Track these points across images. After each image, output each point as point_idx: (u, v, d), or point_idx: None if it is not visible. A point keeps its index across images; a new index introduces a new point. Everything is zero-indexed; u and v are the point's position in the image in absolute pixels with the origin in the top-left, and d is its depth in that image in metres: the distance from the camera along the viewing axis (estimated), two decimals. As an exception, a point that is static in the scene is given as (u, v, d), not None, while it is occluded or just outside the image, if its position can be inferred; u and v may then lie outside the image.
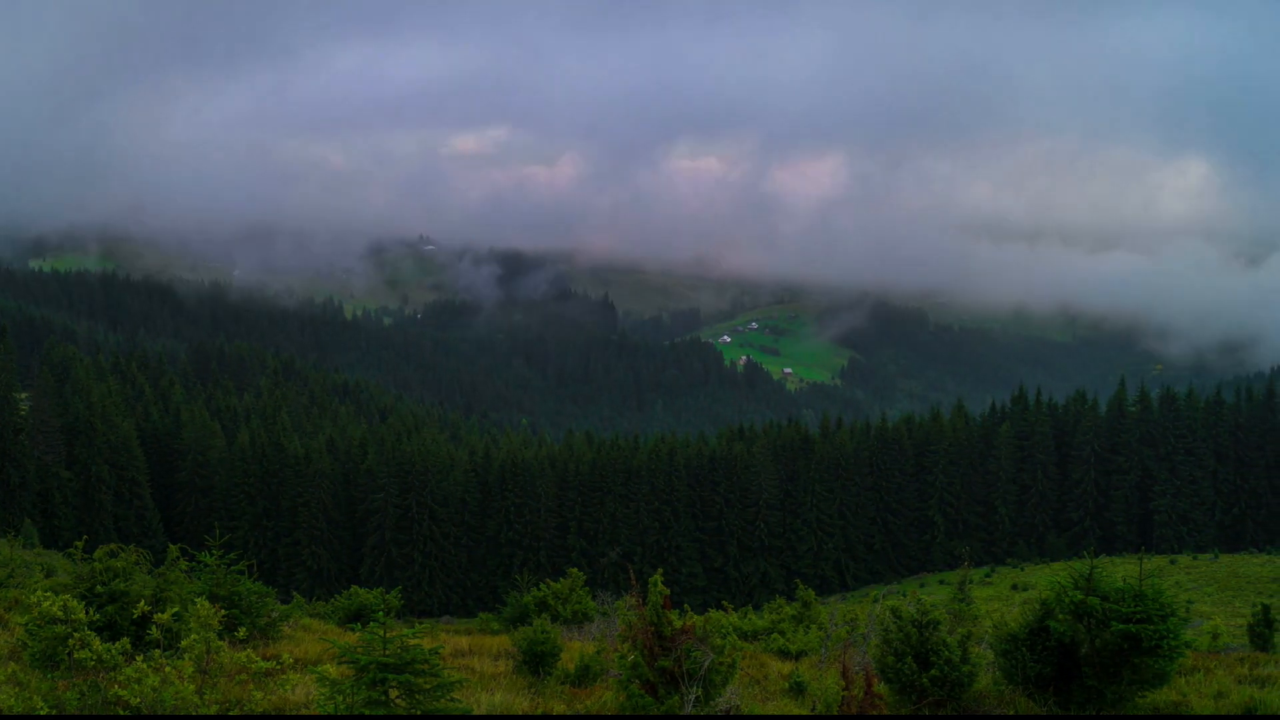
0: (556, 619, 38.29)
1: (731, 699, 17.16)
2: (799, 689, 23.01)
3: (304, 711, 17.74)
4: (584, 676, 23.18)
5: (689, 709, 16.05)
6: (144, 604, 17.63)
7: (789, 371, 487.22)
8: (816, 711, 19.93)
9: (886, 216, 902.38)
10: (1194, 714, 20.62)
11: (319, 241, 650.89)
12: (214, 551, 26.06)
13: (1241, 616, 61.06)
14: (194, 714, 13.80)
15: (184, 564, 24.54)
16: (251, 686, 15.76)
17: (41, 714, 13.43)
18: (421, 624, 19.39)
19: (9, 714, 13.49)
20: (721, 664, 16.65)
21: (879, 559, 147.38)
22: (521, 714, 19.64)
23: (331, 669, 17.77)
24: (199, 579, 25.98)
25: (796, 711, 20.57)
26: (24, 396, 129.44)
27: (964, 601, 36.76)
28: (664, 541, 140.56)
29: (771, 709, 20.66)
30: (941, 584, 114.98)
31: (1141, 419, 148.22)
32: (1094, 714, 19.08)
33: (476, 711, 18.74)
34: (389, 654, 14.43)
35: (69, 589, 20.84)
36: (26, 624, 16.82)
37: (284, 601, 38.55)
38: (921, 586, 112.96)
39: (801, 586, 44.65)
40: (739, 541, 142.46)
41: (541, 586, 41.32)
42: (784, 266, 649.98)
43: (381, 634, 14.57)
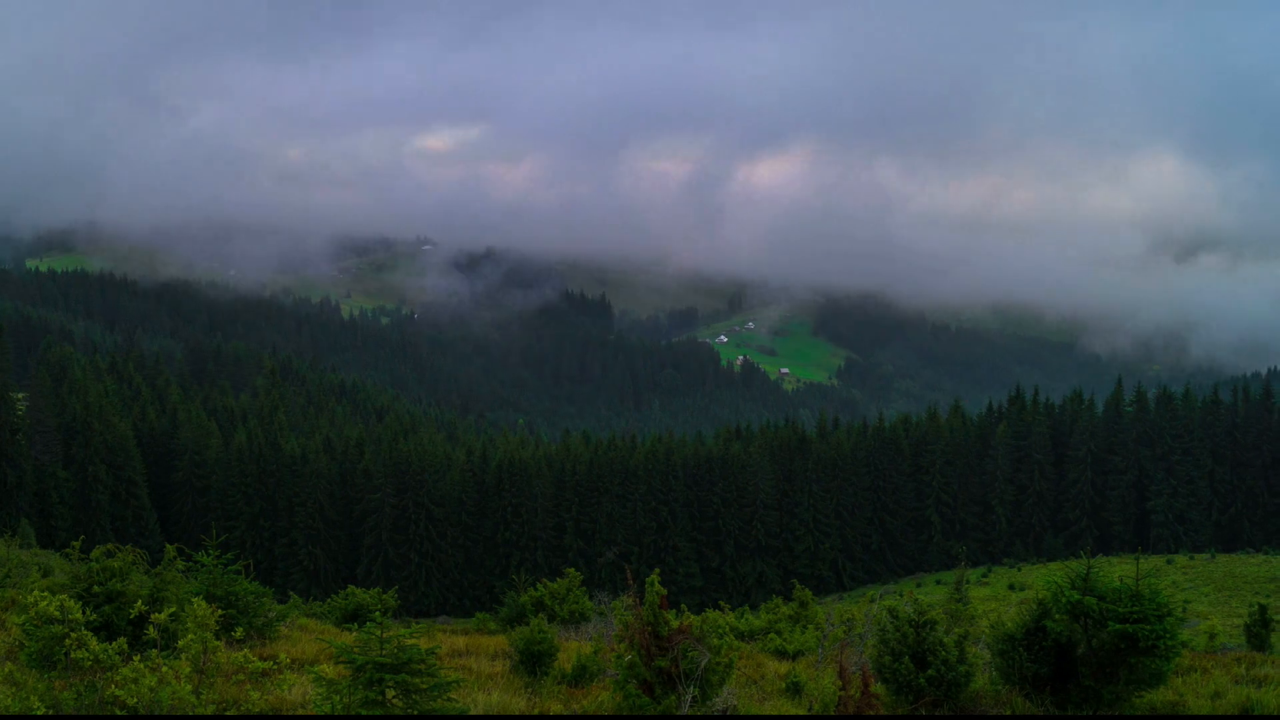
0: (553, 619, 38.28)
1: (728, 699, 17.16)
2: (796, 689, 23.02)
3: (301, 711, 17.74)
4: (581, 676, 23.19)
5: (686, 709, 16.06)
6: (141, 604, 17.64)
7: (786, 371, 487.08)
8: (814, 711, 19.95)
9: (883, 217, 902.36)
10: (1191, 714, 20.65)
11: (316, 241, 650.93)
12: (211, 551, 26.04)
13: (1238, 616, 61.18)
14: (191, 714, 13.79)
15: (181, 564, 24.55)
16: (248, 686, 15.76)
17: (38, 714, 13.41)
18: (418, 624, 19.41)
19: (6, 714, 13.48)
20: (718, 664, 16.66)
21: (876, 559, 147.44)
22: (518, 714, 19.65)
23: (328, 669, 17.78)
24: (196, 579, 25.95)
25: (793, 711, 20.58)
26: (21, 396, 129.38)
27: (961, 601, 36.85)
28: (661, 541, 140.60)
29: (768, 709, 20.67)
30: (938, 584, 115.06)
31: (1138, 419, 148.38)
32: (1091, 714, 19.10)
33: (473, 711, 18.73)
34: (386, 654, 14.43)
35: (66, 589, 20.83)
36: (23, 624, 16.80)
37: (281, 601, 38.56)
38: (918, 586, 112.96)
39: (798, 586, 44.72)
40: (736, 542, 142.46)
41: (538, 586, 41.30)
42: (781, 266, 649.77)
43: (378, 634, 14.57)
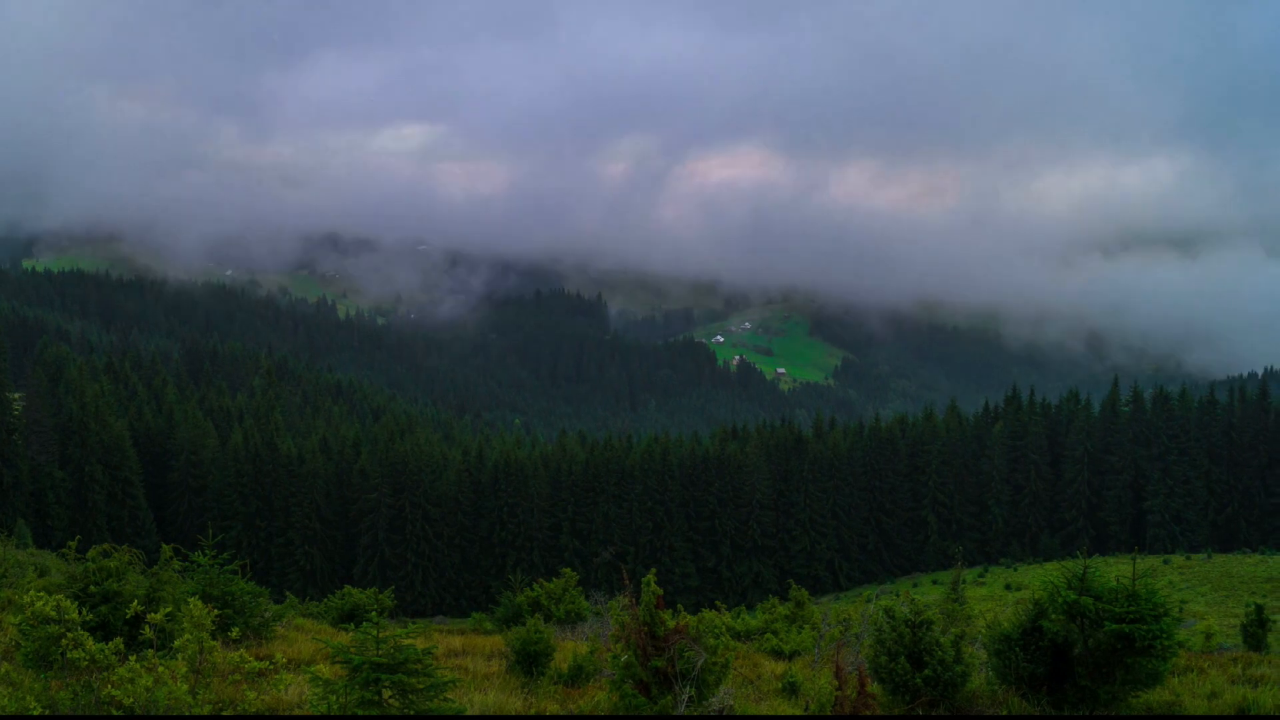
0: (550, 619, 38.29)
1: (725, 699, 17.17)
2: (792, 689, 23.03)
3: (297, 712, 17.73)
4: (577, 676, 23.20)
5: (682, 709, 16.06)
6: (137, 604, 17.63)
7: (782, 371, 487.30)
8: (810, 711, 19.95)
9: (883, 217, 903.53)
10: (1187, 714, 20.65)
11: (312, 242, 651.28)
12: (207, 551, 26.05)
13: (1235, 616, 61.17)
14: (187, 714, 13.79)
15: (177, 564, 24.55)
16: (245, 686, 15.75)
17: (35, 714, 13.40)
18: (415, 624, 19.40)
19: (3, 714, 13.47)
20: (715, 664, 16.66)
21: (872, 559, 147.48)
22: (515, 714, 19.65)
23: (325, 669, 17.77)
24: (192, 579, 25.96)
25: (790, 711, 20.58)
26: (17, 396, 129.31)
27: (957, 601, 36.82)
28: (657, 541, 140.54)
29: (765, 709, 20.67)
30: (935, 584, 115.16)
31: (1134, 419, 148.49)
32: (1087, 714, 19.11)
33: (470, 711, 18.73)
34: (382, 654, 14.43)
35: (62, 589, 20.82)
36: (20, 624, 16.81)
37: (277, 601, 38.55)
38: (915, 586, 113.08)
39: (795, 586, 44.70)
40: (732, 541, 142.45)
41: (535, 586, 41.30)
42: (777, 267, 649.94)
43: (375, 634, 14.56)
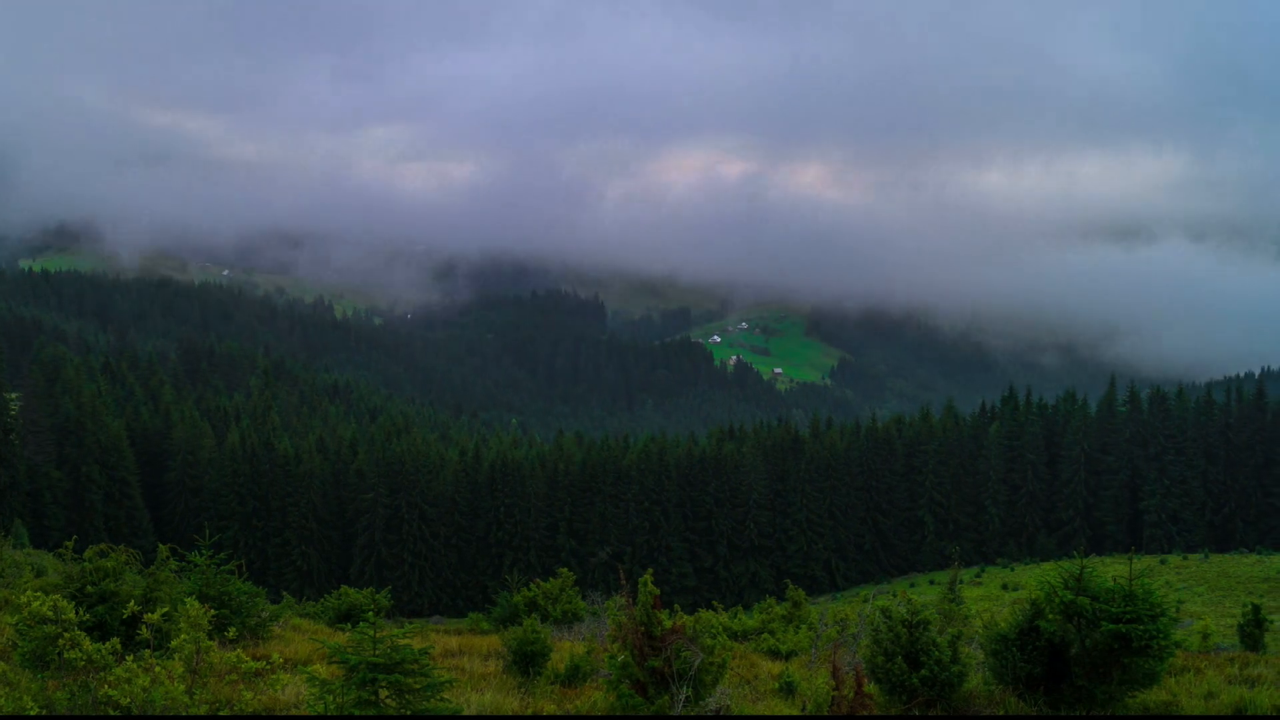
0: (546, 619, 38.28)
1: (722, 699, 17.17)
2: (789, 689, 23.03)
3: (294, 712, 17.72)
4: (574, 676, 23.19)
5: (679, 709, 16.06)
6: (134, 604, 17.62)
7: (779, 371, 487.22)
8: (807, 711, 19.95)
9: (881, 217, 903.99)
10: (1184, 714, 20.66)
11: (309, 242, 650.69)
12: (204, 551, 26.04)
13: (1232, 616, 61.29)
14: (184, 714, 13.78)
15: (174, 564, 24.53)
16: (241, 686, 15.75)
17: (31, 714, 13.39)
18: (411, 624, 19.39)
19: (0, 714, 13.46)
20: (711, 664, 16.66)
21: (869, 559, 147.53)
22: (511, 714, 19.64)
23: (321, 669, 17.77)
24: (189, 579, 25.95)
25: (787, 711, 20.58)
26: (14, 397, 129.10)
27: (954, 601, 36.82)
28: (654, 542, 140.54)
29: (762, 709, 20.67)
30: (932, 584, 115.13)
31: (1131, 419, 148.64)
32: (1084, 714, 19.11)
33: (466, 711, 18.72)
34: (379, 654, 14.42)
35: (59, 589, 20.80)
36: (16, 624, 16.79)
37: (274, 601, 38.57)
38: (911, 586, 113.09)
39: (791, 586, 44.70)
40: (729, 542, 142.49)
41: (531, 586, 41.29)
42: (774, 266, 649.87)
43: (371, 634, 14.56)
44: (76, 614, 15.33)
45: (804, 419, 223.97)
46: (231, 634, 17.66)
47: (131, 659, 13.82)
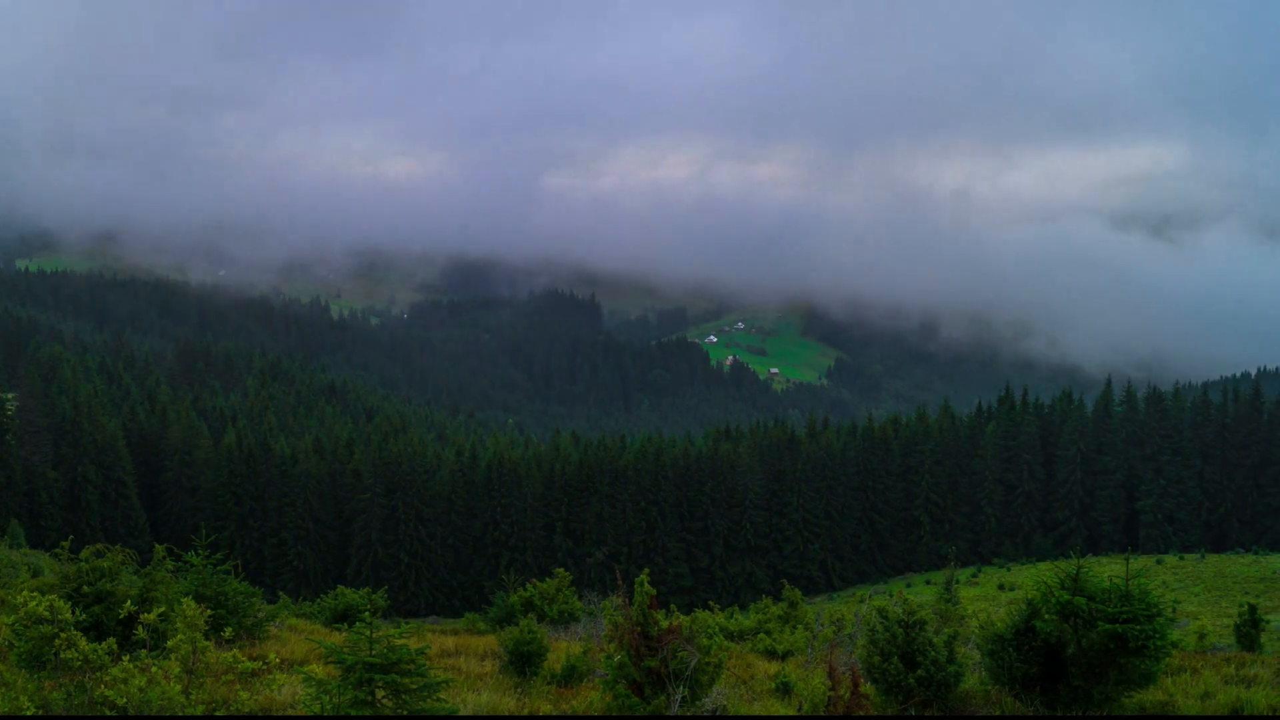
0: (543, 619, 38.25)
1: (718, 699, 17.18)
2: (786, 689, 23.03)
3: (290, 712, 17.71)
4: (570, 676, 23.19)
5: (675, 709, 16.06)
6: (130, 604, 17.60)
7: (775, 371, 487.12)
8: (803, 712, 19.95)
9: (877, 219, 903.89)
10: (1181, 714, 20.68)
11: (305, 242, 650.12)
12: (200, 551, 26.01)
13: (1228, 616, 61.41)
14: (180, 714, 13.77)
15: (170, 564, 24.49)
16: (238, 687, 15.73)
17: (28, 714, 13.38)
18: (408, 624, 19.39)
19: (-5, 714, 13.45)
20: (708, 664, 16.66)
21: (865, 559, 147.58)
22: (508, 714, 19.64)
23: (318, 669, 17.75)
24: (185, 579, 25.92)
25: (783, 711, 20.58)
26: (10, 396, 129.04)
27: (950, 601, 36.89)
28: (650, 542, 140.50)
29: (758, 709, 20.67)
30: (928, 584, 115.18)
31: (1127, 419, 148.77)
32: (1080, 714, 19.12)
33: (463, 711, 18.73)
34: (375, 654, 14.41)
35: (55, 589, 20.78)
36: (13, 624, 16.76)
37: (270, 602, 38.52)
38: (908, 586, 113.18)
39: (788, 587, 44.66)
40: (725, 542, 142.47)
41: (528, 587, 41.24)
42: (770, 266, 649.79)
43: (368, 634, 14.55)
44: (73, 614, 15.33)
45: (800, 419, 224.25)
46: (228, 634, 17.67)
47: (128, 659, 13.80)
